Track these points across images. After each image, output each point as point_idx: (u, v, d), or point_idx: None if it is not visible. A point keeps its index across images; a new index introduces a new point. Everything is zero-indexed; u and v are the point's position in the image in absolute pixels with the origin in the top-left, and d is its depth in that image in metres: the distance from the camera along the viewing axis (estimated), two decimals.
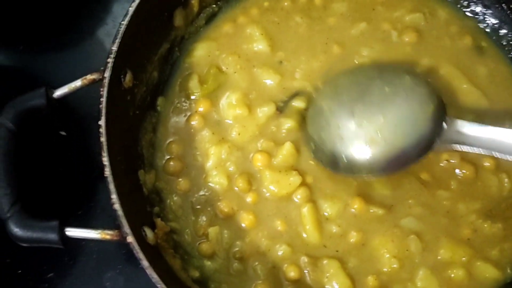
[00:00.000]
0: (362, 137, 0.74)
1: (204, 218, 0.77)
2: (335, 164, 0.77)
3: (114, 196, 0.63)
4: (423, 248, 0.75)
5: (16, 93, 0.72)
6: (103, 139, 0.66)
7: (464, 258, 0.74)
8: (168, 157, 0.80)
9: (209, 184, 0.78)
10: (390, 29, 0.88)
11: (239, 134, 0.81)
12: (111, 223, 0.87)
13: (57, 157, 0.92)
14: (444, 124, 0.75)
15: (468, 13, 0.91)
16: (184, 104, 0.83)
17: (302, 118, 0.81)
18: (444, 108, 0.76)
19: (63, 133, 0.94)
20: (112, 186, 0.64)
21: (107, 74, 0.69)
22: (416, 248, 0.75)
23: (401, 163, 0.75)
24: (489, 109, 0.83)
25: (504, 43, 0.88)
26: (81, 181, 0.91)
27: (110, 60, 0.69)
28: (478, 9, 0.90)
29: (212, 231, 0.76)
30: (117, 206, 0.63)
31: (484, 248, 0.75)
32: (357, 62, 0.84)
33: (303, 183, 0.78)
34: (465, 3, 0.90)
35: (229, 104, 0.82)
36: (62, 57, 1.00)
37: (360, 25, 0.87)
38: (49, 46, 1.01)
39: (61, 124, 0.94)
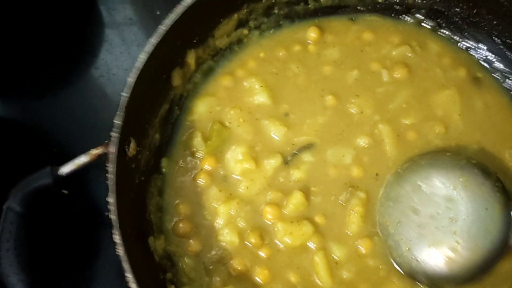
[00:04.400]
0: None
1: (217, 279, 0.77)
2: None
3: (129, 275, 0.63)
4: None
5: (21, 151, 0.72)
6: (113, 216, 0.65)
7: None
8: (177, 219, 0.80)
9: (221, 243, 0.78)
10: (380, 69, 0.88)
11: (247, 188, 0.81)
12: (118, 279, 0.89)
13: (59, 217, 0.91)
14: None
15: (461, 46, 0.91)
16: (189, 163, 0.83)
17: (313, 168, 0.82)
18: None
19: (65, 191, 0.94)
20: (126, 265, 0.63)
21: (112, 149, 0.69)
22: None
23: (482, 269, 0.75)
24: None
25: (498, 76, 0.89)
26: (86, 240, 0.91)
27: (114, 134, 0.69)
28: (471, 43, 0.91)
29: None
30: (133, 285, 0.63)
31: None
32: (353, 112, 0.85)
33: (315, 230, 0.78)
34: (457, 37, 0.91)
35: (235, 159, 0.82)
36: (59, 110, 0.99)
37: (352, 73, 0.87)
38: (41, 97, 1.00)
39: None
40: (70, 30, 1.05)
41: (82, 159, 0.70)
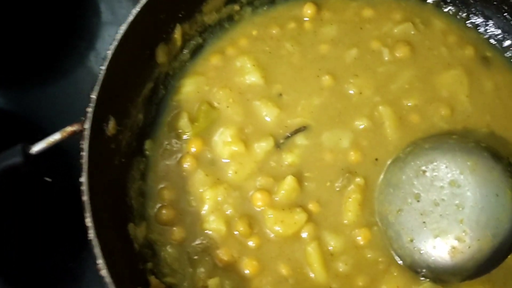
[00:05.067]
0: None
1: (202, 270, 0.71)
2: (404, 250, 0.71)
3: (100, 261, 0.57)
4: None
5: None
6: (85, 198, 0.60)
7: None
8: (160, 205, 0.75)
9: (206, 231, 0.73)
10: (380, 47, 0.82)
11: (235, 172, 0.75)
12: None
13: (42, 204, 0.86)
14: None
15: (468, 24, 0.86)
16: (174, 145, 0.78)
17: (307, 153, 0.76)
18: None
19: (48, 179, 0.89)
20: (98, 250, 0.58)
21: (87, 125, 0.63)
22: None
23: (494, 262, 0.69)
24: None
25: (509, 55, 0.83)
26: (70, 229, 0.85)
27: (90, 109, 0.64)
28: (479, 20, 0.85)
29: (212, 283, 0.70)
30: (104, 272, 0.57)
31: None
32: (352, 93, 0.79)
33: (309, 219, 0.73)
34: (464, 14, 0.85)
35: (224, 141, 0.77)
36: (43, 95, 0.95)
37: (351, 52, 0.82)
38: (29, 84, 0.96)
39: (45, 170, 0.89)
40: (61, 14, 1.01)
41: (55, 137, 0.65)
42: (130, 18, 0.69)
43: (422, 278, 0.71)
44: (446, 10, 0.86)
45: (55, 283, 0.83)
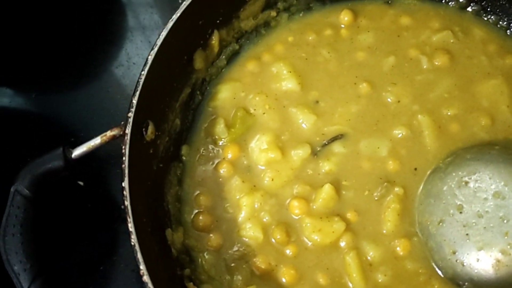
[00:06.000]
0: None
1: (239, 277, 0.70)
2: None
3: (142, 267, 0.57)
4: None
5: (33, 140, 0.68)
6: (127, 202, 0.60)
7: None
8: (197, 211, 0.74)
9: (243, 238, 0.72)
10: (418, 55, 0.81)
11: (272, 179, 0.75)
12: (134, 278, 0.83)
13: (75, 208, 0.87)
14: None
15: (509, 33, 0.84)
16: (210, 151, 0.78)
17: (344, 161, 0.75)
18: None
19: (80, 183, 0.90)
20: (139, 256, 0.58)
21: (128, 130, 0.63)
22: None
23: None
24: None
25: None
26: (102, 234, 0.86)
27: (131, 114, 0.64)
28: None
29: None
30: (146, 278, 0.57)
31: None
32: (390, 101, 0.78)
33: (347, 228, 0.71)
34: (505, 23, 0.84)
35: (260, 148, 0.76)
36: (77, 99, 0.95)
37: (388, 60, 0.81)
38: (62, 88, 0.97)
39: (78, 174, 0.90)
40: (91, 19, 1.02)
41: (95, 141, 0.65)
42: (170, 23, 0.70)
43: None
44: (486, 19, 0.85)
45: (86, 286, 0.84)
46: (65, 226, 0.85)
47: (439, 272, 0.70)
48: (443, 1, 0.85)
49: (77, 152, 0.65)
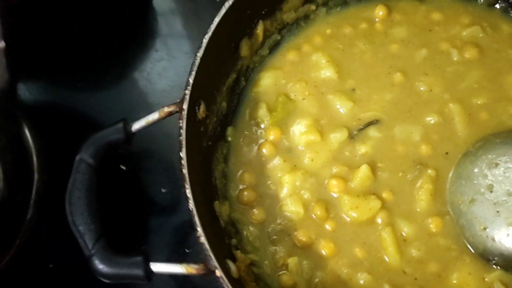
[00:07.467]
0: None
1: (282, 249, 0.75)
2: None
3: (199, 230, 0.62)
4: None
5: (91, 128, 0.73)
6: (185, 170, 0.65)
7: None
8: (241, 187, 0.79)
9: (285, 213, 0.77)
10: (449, 48, 0.86)
11: (311, 160, 0.79)
12: (177, 257, 0.87)
13: (117, 191, 0.92)
14: None
15: None
16: (254, 133, 0.82)
17: (379, 144, 0.80)
18: None
19: (123, 167, 0.95)
20: (196, 219, 0.62)
21: (185, 105, 0.69)
22: None
23: None
24: None
25: None
26: (143, 216, 0.90)
27: (187, 91, 0.69)
28: None
29: (292, 261, 0.73)
30: (203, 239, 0.62)
31: None
32: (422, 90, 0.83)
33: (382, 206, 0.76)
34: None
35: (300, 131, 0.81)
36: (117, 92, 1.01)
37: (421, 52, 0.86)
38: (98, 83, 1.02)
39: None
40: (132, 13, 1.08)
41: (153, 116, 0.70)
42: (223, 11, 0.75)
43: (494, 266, 0.73)
44: None
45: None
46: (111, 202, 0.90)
47: (470, 248, 0.74)
48: None
49: (137, 126, 0.70)
